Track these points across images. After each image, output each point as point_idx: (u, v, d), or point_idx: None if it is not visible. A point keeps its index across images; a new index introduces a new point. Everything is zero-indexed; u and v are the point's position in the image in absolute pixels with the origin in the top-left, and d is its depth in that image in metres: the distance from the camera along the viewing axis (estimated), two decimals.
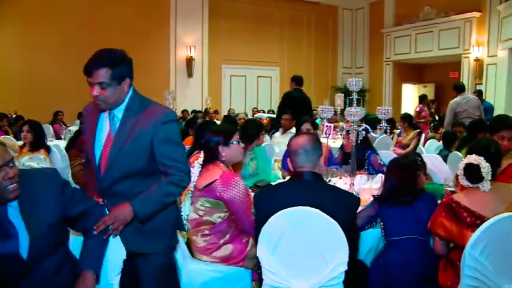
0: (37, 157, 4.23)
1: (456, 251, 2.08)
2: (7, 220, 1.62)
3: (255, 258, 2.05)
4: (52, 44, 9.57)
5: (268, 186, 2.97)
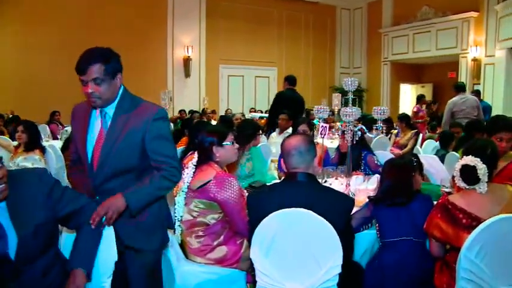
0: (32, 157, 4.22)
1: (452, 253, 2.06)
2: None
3: (250, 260, 2.03)
4: (50, 44, 9.52)
5: (263, 187, 2.94)
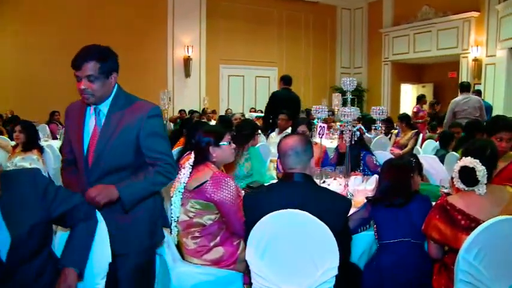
0: (30, 157, 4.21)
1: (451, 255, 2.03)
2: None
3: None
4: (50, 44, 9.48)
5: (260, 187, 2.93)
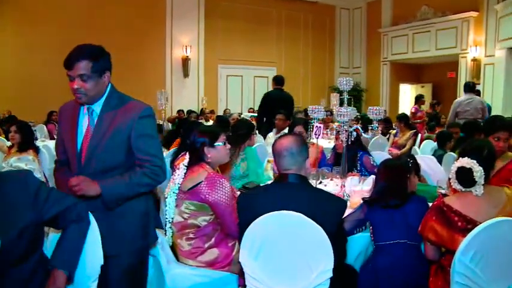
0: (25, 158, 4.18)
1: (448, 256, 2.01)
2: None
3: None
4: (50, 44, 9.40)
5: (255, 188, 2.90)
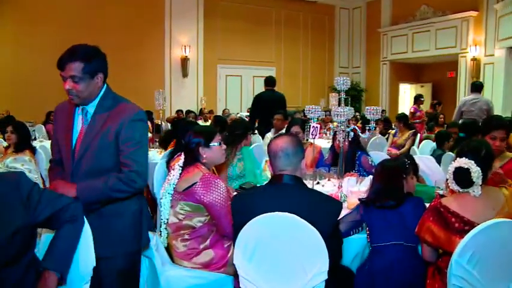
0: (22, 158, 4.15)
1: (445, 258, 1.98)
2: None
3: None
4: (49, 44, 9.30)
5: (250, 189, 2.87)
